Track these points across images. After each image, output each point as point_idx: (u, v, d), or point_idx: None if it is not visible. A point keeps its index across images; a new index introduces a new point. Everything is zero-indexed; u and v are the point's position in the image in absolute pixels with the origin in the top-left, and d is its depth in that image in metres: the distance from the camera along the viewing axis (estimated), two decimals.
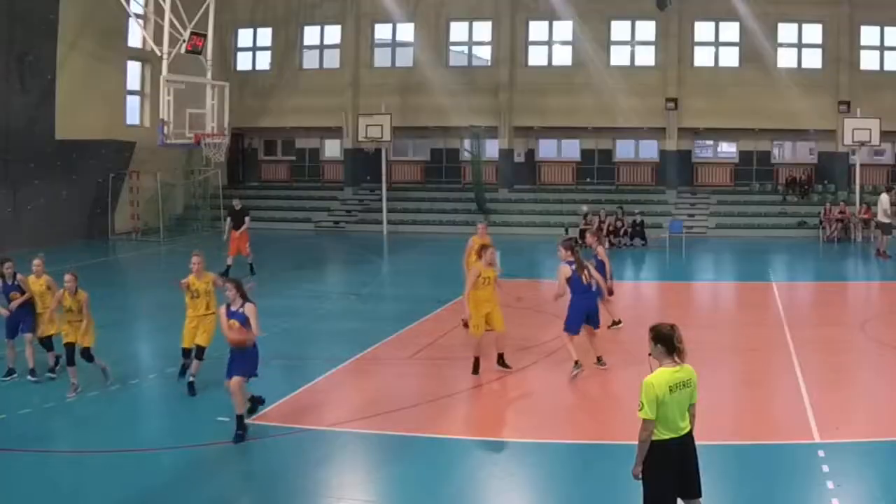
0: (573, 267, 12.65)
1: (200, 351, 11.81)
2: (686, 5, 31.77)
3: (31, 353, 12.33)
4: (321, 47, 35.72)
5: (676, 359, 6.54)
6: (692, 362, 6.73)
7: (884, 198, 25.88)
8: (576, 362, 12.55)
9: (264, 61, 36.10)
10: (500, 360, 12.93)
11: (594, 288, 12.98)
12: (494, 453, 9.86)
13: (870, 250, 25.93)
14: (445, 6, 34.01)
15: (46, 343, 12.43)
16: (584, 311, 12.74)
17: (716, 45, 32.69)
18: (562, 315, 13.02)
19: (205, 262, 12.12)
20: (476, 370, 12.63)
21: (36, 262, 12.63)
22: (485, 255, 12.91)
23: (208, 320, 11.86)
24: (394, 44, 35.31)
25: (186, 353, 11.96)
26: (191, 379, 11.73)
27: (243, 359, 10.10)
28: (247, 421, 10.29)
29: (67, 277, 11.76)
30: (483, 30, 34.52)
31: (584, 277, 12.66)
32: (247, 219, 22.29)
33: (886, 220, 25.46)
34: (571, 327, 12.72)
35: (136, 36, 30.65)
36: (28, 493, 8.60)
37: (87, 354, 11.87)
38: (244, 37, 36.07)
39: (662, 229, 29.20)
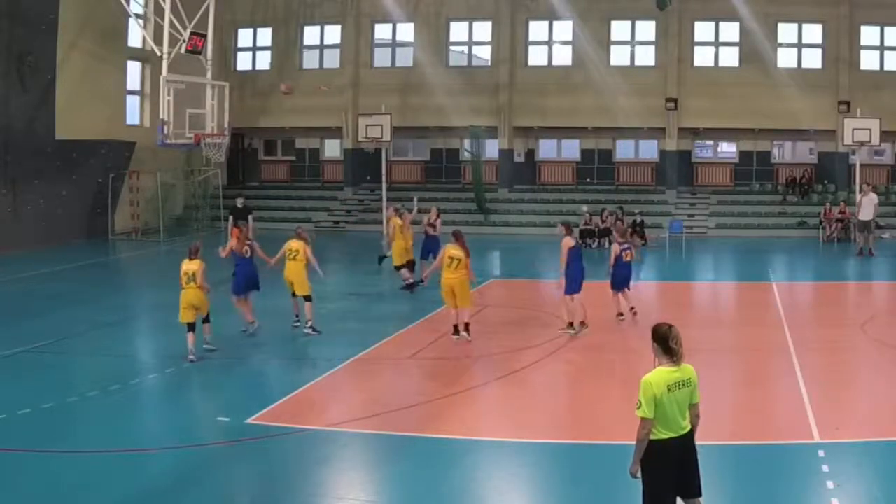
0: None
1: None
2: (686, 5, 31.75)
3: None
4: (321, 47, 35.72)
5: (673, 359, 6.55)
6: (692, 362, 6.72)
7: (874, 196, 26.09)
8: (570, 324, 14.48)
9: (264, 61, 36.10)
10: None
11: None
12: (494, 453, 9.84)
13: (868, 250, 25.68)
14: (445, 6, 34.00)
15: None
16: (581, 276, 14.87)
17: (716, 45, 32.67)
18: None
19: None
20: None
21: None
22: None
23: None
24: (394, 44, 35.30)
25: None
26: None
27: None
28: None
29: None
30: (483, 30, 34.51)
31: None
32: (250, 217, 22.26)
33: (870, 218, 25.75)
34: (572, 288, 14.59)
35: (136, 36, 30.63)
36: (28, 493, 8.59)
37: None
38: (244, 37, 36.07)
39: (662, 229, 29.19)
